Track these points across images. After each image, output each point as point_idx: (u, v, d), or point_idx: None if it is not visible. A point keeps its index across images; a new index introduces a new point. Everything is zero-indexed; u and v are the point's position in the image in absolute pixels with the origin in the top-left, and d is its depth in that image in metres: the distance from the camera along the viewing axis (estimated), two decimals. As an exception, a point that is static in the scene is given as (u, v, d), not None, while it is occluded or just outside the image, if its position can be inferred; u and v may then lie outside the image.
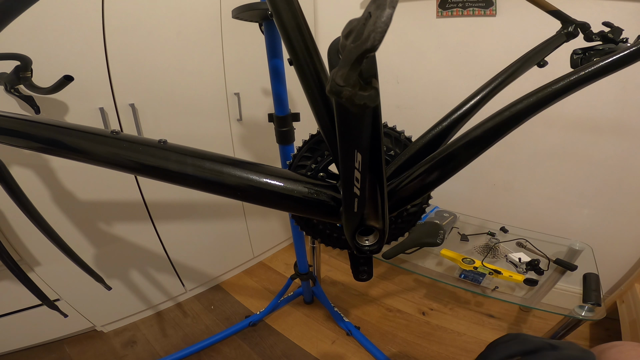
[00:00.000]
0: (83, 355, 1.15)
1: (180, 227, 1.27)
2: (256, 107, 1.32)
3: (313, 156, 0.40)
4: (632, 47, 0.35)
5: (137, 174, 0.35)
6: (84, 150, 0.33)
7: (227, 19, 1.09)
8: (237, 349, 1.19)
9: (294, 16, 0.36)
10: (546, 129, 1.17)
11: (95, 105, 0.92)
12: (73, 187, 0.97)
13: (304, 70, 0.36)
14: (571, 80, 0.35)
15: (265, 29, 0.68)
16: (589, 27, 0.73)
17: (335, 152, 0.32)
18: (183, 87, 1.09)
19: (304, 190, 0.32)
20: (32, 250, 0.95)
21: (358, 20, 0.17)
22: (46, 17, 0.79)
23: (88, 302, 1.14)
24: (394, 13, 0.14)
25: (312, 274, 1.24)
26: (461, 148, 0.32)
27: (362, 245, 0.31)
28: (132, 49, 0.95)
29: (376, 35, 0.14)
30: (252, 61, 1.23)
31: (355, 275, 0.43)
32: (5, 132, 0.35)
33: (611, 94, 1.03)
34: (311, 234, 0.44)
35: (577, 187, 1.19)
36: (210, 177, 0.32)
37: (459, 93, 0.61)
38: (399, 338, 1.22)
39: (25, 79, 0.73)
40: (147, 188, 1.11)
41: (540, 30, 0.79)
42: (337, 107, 0.23)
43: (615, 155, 1.10)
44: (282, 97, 0.76)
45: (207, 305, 1.41)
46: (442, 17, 1.23)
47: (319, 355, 1.17)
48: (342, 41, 0.18)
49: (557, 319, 0.90)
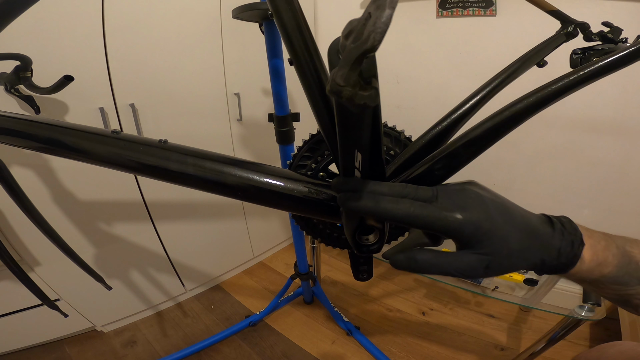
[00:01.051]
0: (83, 355, 1.15)
1: (180, 227, 1.27)
2: (256, 107, 1.32)
3: (313, 156, 0.40)
4: (632, 47, 0.35)
5: (138, 174, 0.35)
6: (84, 150, 0.33)
7: (227, 19, 1.09)
8: (237, 349, 1.19)
9: (294, 16, 0.36)
10: (546, 129, 1.17)
11: (95, 105, 0.93)
12: (73, 187, 0.97)
13: (304, 70, 0.36)
14: (571, 80, 0.35)
15: (265, 29, 0.68)
16: (588, 27, 0.73)
17: (336, 151, 0.32)
18: (183, 87, 1.09)
19: (304, 190, 0.32)
20: (32, 250, 0.95)
21: (358, 20, 0.17)
22: (46, 17, 0.79)
23: (88, 302, 1.14)
24: (393, 14, 0.14)
25: (312, 274, 1.24)
26: (461, 148, 0.32)
27: (362, 244, 0.31)
28: (132, 49, 0.95)
29: (376, 36, 0.14)
30: (252, 61, 1.23)
31: (355, 275, 0.43)
32: (5, 132, 0.35)
33: (611, 94, 1.03)
34: (311, 233, 0.44)
35: (577, 187, 1.19)
36: (210, 177, 0.32)
37: (458, 93, 0.61)
38: (399, 338, 1.22)
39: (25, 79, 0.73)
40: (147, 188, 1.11)
41: (540, 30, 0.79)
42: (337, 107, 0.23)
43: (615, 155, 1.10)
44: (282, 97, 0.76)
45: (207, 305, 1.41)
46: (442, 17, 1.23)
47: (319, 355, 1.17)
48: (342, 41, 0.18)
49: (557, 319, 0.90)
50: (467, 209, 0.24)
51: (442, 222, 0.24)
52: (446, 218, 0.24)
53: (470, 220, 0.23)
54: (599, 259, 0.26)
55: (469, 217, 0.23)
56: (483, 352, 1.14)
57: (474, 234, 0.23)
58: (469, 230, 0.23)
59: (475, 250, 0.24)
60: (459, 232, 0.24)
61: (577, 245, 0.25)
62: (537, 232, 0.25)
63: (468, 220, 0.23)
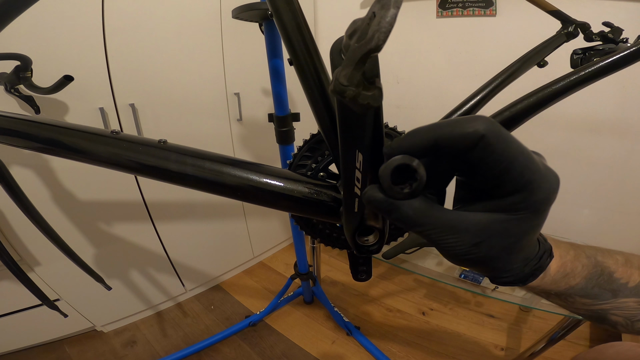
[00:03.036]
0: (83, 355, 1.15)
1: (180, 227, 1.27)
2: (256, 107, 1.32)
3: (313, 156, 0.40)
4: (632, 47, 0.35)
5: (137, 174, 0.35)
6: (84, 150, 0.33)
7: (227, 19, 1.09)
8: (237, 349, 1.19)
9: (294, 16, 0.36)
10: (546, 129, 1.17)
11: (95, 105, 0.92)
12: (73, 187, 0.97)
13: (304, 70, 0.36)
14: (571, 80, 0.35)
15: (265, 29, 0.68)
16: (589, 27, 0.73)
17: (336, 152, 0.32)
18: (183, 87, 1.09)
19: (304, 191, 0.32)
20: (32, 250, 0.95)
21: (362, 20, 0.17)
22: (46, 17, 0.79)
23: (88, 302, 1.14)
24: (398, 13, 0.14)
25: (312, 274, 1.24)
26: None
27: (362, 245, 0.31)
28: (132, 49, 0.95)
29: (380, 35, 0.14)
30: (252, 61, 1.23)
31: (354, 276, 0.43)
32: (5, 132, 0.35)
33: (611, 94, 1.03)
34: (311, 234, 0.44)
35: (577, 187, 1.19)
36: (210, 177, 0.32)
37: (459, 93, 0.61)
38: (399, 338, 1.22)
39: (25, 79, 0.73)
40: (147, 188, 1.11)
41: (540, 30, 0.79)
42: (339, 106, 0.23)
43: (615, 155, 1.10)
44: (282, 97, 0.76)
45: (207, 305, 1.41)
46: (442, 17, 1.23)
47: (319, 355, 1.17)
48: (345, 41, 0.18)
49: (557, 319, 0.90)
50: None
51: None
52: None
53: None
54: (566, 270, 0.24)
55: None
56: (483, 352, 1.14)
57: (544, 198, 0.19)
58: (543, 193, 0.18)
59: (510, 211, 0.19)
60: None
61: (546, 257, 0.23)
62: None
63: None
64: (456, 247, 0.20)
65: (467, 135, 0.17)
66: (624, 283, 0.24)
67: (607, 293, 0.24)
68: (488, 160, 0.18)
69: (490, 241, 0.20)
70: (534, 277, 0.23)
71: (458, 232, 0.20)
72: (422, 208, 0.20)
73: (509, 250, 0.21)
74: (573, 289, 0.24)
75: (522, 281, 0.23)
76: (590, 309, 0.25)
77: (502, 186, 0.18)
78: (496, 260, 0.21)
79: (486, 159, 0.18)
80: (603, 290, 0.24)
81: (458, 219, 0.20)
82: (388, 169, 0.19)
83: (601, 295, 0.24)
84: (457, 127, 0.18)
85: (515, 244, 0.20)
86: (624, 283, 0.24)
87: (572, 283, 0.24)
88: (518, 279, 0.22)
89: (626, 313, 0.24)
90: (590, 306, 0.25)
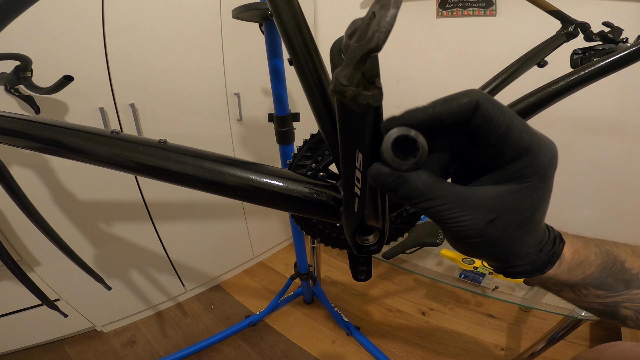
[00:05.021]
0: (83, 355, 1.15)
1: (180, 227, 1.27)
2: (256, 107, 1.32)
3: (313, 156, 0.40)
4: (632, 47, 0.35)
5: (137, 174, 0.35)
6: (84, 150, 0.33)
7: (227, 19, 1.09)
8: (237, 349, 1.19)
9: (294, 16, 0.36)
10: (546, 129, 1.15)
11: (95, 105, 0.92)
12: (73, 187, 0.97)
13: (304, 70, 0.36)
14: (571, 80, 0.35)
15: (265, 29, 0.68)
16: (589, 27, 0.74)
17: (336, 152, 0.32)
18: (183, 87, 1.09)
19: (304, 190, 0.32)
20: (32, 250, 0.95)
21: (362, 19, 0.17)
22: (46, 17, 0.78)
23: (88, 302, 1.14)
24: (398, 13, 0.14)
25: (312, 274, 1.24)
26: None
27: (362, 245, 0.31)
28: (132, 49, 0.95)
29: (380, 35, 0.14)
30: (252, 61, 1.23)
31: (354, 276, 0.43)
32: (5, 132, 0.35)
33: (611, 94, 1.03)
34: (311, 233, 0.44)
35: (577, 187, 1.19)
36: (210, 177, 0.32)
37: (459, 93, 0.61)
38: (399, 338, 1.22)
39: (25, 79, 0.73)
40: (147, 188, 1.11)
41: (540, 30, 0.79)
42: (339, 106, 0.23)
43: (615, 155, 1.10)
44: (282, 97, 0.76)
45: (207, 305, 1.41)
46: (442, 17, 1.23)
47: (319, 355, 1.17)
48: (345, 41, 0.18)
49: (557, 319, 0.90)
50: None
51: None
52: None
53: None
54: (581, 258, 0.23)
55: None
56: (483, 352, 1.14)
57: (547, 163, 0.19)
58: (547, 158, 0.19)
59: (519, 181, 0.19)
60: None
61: (558, 242, 0.22)
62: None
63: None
64: (470, 225, 0.19)
65: (463, 104, 0.18)
66: (635, 273, 0.23)
67: (620, 284, 0.23)
68: (488, 126, 0.18)
69: (506, 217, 0.19)
70: (551, 265, 0.22)
71: (470, 207, 0.19)
72: (431, 181, 0.19)
73: (524, 227, 0.20)
74: (588, 278, 0.23)
75: (540, 269, 0.22)
76: (603, 301, 0.24)
77: (504, 153, 0.18)
78: (512, 242, 0.20)
79: (486, 125, 0.18)
80: (617, 280, 0.23)
81: (469, 192, 0.19)
82: (389, 141, 0.19)
83: (615, 286, 0.23)
84: (452, 100, 0.18)
85: (530, 219, 0.20)
86: (635, 273, 0.23)
87: (588, 272, 0.23)
88: (535, 268, 0.21)
89: (637, 306, 0.24)
90: (603, 299, 0.24)
